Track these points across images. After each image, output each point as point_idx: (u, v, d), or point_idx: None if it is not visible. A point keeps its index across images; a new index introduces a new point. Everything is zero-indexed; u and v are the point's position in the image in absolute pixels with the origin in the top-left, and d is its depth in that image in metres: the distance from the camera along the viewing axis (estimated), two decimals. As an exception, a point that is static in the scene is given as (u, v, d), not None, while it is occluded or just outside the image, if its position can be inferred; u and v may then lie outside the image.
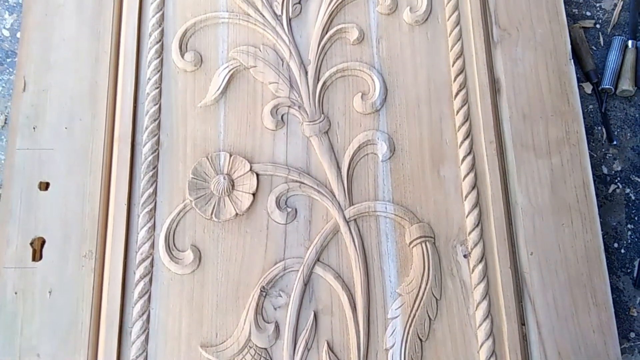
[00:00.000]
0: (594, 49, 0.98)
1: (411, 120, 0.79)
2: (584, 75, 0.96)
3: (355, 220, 0.74)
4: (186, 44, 0.80)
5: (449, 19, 0.83)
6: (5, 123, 0.90)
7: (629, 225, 0.89)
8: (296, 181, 0.75)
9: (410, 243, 0.73)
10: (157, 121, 0.77)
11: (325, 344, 0.69)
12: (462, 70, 0.80)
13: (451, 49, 0.81)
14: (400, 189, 0.76)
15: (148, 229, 0.72)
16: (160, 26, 0.81)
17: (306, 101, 0.78)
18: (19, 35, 0.91)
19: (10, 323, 0.68)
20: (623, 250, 0.88)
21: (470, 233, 0.74)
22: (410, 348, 0.69)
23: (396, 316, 0.70)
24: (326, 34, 0.81)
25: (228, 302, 0.70)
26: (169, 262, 0.71)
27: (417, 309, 0.70)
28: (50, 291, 0.69)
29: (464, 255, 0.73)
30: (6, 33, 0.96)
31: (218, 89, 0.78)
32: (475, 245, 0.73)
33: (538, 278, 0.72)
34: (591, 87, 0.95)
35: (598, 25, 0.99)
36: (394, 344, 0.69)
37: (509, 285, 0.71)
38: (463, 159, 0.77)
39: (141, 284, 0.70)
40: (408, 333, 0.70)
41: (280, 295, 0.71)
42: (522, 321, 0.71)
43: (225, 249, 0.72)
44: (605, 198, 0.90)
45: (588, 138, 0.81)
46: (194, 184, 0.74)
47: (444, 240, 0.74)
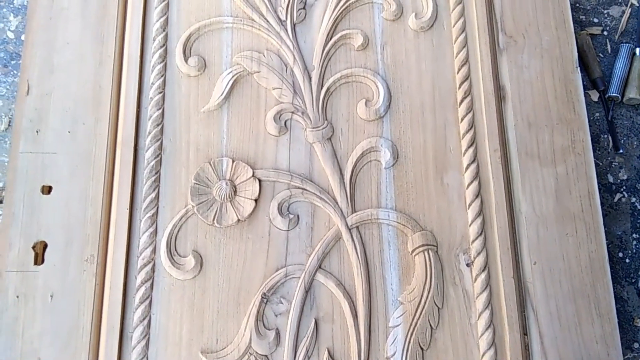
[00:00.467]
0: (601, 56, 0.97)
1: (415, 127, 0.78)
2: (591, 82, 0.95)
3: (357, 227, 0.74)
4: (190, 49, 0.80)
5: (454, 26, 0.82)
6: (9, 125, 0.91)
7: (634, 235, 0.89)
8: (299, 187, 0.75)
9: (412, 251, 0.73)
10: (160, 126, 0.77)
11: (326, 351, 0.69)
12: (467, 77, 0.80)
13: (456, 56, 0.81)
14: (403, 197, 0.75)
15: (150, 234, 0.72)
16: (164, 30, 0.80)
17: (310, 107, 0.78)
18: (23, 37, 0.91)
19: (12, 326, 0.68)
20: (628, 260, 0.87)
21: (473, 242, 0.73)
22: (412, 357, 0.69)
23: (397, 324, 0.70)
24: (330, 39, 0.81)
25: (229, 308, 0.70)
26: (171, 268, 0.71)
27: (419, 318, 0.70)
28: (51, 295, 0.69)
29: (467, 264, 0.73)
30: (11, 35, 0.96)
31: (221, 94, 0.78)
32: (478, 254, 0.73)
33: (541, 288, 0.72)
34: (598, 95, 0.94)
35: (605, 33, 0.98)
36: (395, 353, 0.69)
37: (512, 294, 0.71)
38: (467, 167, 0.76)
39: (142, 289, 0.70)
40: (409, 342, 0.69)
41: (281, 302, 0.71)
42: (525, 331, 0.70)
43: (227, 254, 0.72)
44: (611, 207, 0.90)
45: (594, 146, 0.81)
46: (196, 190, 0.74)
47: (446, 249, 0.73)
